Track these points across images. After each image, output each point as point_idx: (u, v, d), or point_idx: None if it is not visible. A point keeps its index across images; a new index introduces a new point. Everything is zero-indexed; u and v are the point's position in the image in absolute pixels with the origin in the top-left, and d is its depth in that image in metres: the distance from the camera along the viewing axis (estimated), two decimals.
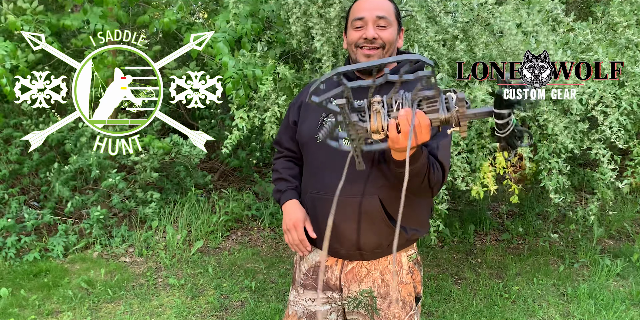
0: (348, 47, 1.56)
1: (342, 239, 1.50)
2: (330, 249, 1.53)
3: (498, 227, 4.56)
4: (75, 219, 3.97)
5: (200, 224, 4.08)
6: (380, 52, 1.49)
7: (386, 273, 1.57)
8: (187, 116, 5.43)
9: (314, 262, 1.63)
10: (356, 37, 1.49)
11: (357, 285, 1.56)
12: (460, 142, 2.74)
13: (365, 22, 1.47)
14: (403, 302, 1.58)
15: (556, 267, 3.76)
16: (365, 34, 1.47)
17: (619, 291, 3.38)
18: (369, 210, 1.46)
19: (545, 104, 2.72)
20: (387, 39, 1.48)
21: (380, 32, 1.47)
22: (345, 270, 1.57)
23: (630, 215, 4.76)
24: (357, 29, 1.49)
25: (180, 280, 3.37)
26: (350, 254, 1.53)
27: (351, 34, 1.51)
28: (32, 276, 3.34)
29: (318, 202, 1.52)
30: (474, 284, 3.47)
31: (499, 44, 2.78)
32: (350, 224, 1.47)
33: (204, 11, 4.67)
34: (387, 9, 1.49)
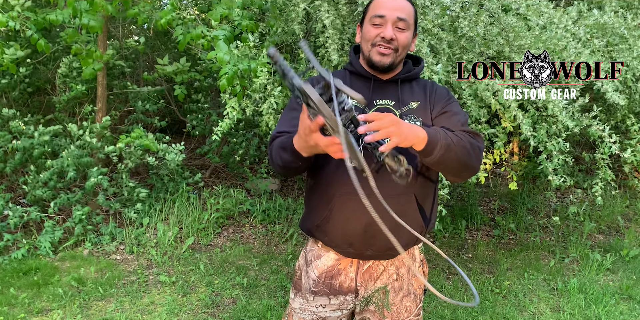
0: (362, 43, 1.51)
1: (374, 242, 1.45)
2: (354, 251, 1.49)
3: (489, 223, 4.58)
4: (65, 215, 3.93)
5: (192, 221, 4.06)
6: (393, 54, 1.46)
7: (401, 267, 1.55)
8: (178, 113, 5.40)
9: (326, 268, 1.57)
10: (373, 34, 1.45)
11: (373, 283, 1.54)
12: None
13: (385, 21, 1.43)
14: (414, 295, 1.58)
15: (547, 262, 3.78)
16: (384, 33, 1.42)
17: (608, 285, 3.41)
18: (404, 210, 1.42)
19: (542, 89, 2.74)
20: (403, 43, 1.45)
21: (398, 34, 1.44)
22: (361, 270, 1.54)
23: (620, 210, 4.79)
24: (376, 26, 1.45)
25: (172, 278, 3.36)
26: (376, 255, 1.50)
27: (368, 30, 1.47)
28: (22, 274, 3.31)
29: (350, 204, 1.44)
30: (465, 280, 3.48)
31: (499, 23, 2.79)
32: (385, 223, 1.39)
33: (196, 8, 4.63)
34: (409, 12, 1.46)
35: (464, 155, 1.32)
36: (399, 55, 1.47)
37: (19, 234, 3.63)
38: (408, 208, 1.44)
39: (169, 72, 4.33)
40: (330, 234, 1.51)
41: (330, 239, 1.53)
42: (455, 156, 1.30)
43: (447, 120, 1.47)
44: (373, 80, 1.51)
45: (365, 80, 1.52)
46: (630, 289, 3.33)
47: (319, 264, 1.58)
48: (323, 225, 1.53)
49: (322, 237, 1.55)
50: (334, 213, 1.49)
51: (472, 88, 2.77)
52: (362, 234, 1.44)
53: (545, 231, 4.42)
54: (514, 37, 2.77)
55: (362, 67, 1.52)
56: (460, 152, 1.30)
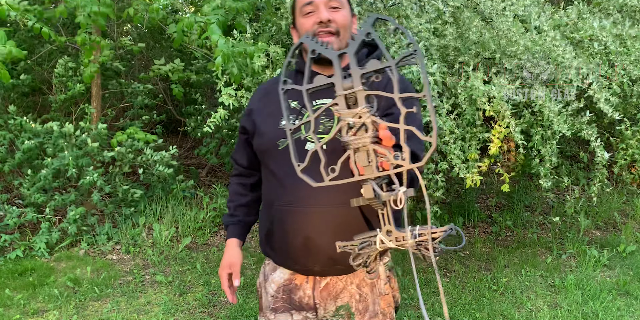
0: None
1: (318, 255, 1.33)
2: (301, 267, 1.39)
3: (486, 220, 4.58)
4: (61, 216, 3.92)
5: (188, 221, 4.05)
6: (336, 40, 1.32)
7: (363, 286, 1.42)
8: (174, 111, 5.39)
9: (283, 281, 1.45)
10: (309, 24, 1.33)
11: (333, 302, 1.42)
12: (455, 131, 2.73)
13: (315, 6, 1.32)
14: (383, 315, 1.44)
15: (544, 259, 3.77)
16: (319, 17, 1.30)
17: (605, 281, 3.41)
18: (348, 222, 1.29)
19: (540, 88, 2.73)
20: (342, 22, 1.32)
21: (333, 14, 1.32)
22: (318, 287, 1.41)
23: (617, 206, 4.80)
24: (308, 15, 1.33)
25: (168, 277, 3.35)
26: (325, 270, 1.37)
27: (302, 23, 1.35)
28: (17, 275, 3.30)
29: (289, 215, 1.34)
30: (462, 277, 3.48)
31: (491, 28, 2.77)
32: (327, 237, 1.29)
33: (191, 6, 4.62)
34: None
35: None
36: (342, 39, 1.33)
37: (15, 234, 3.62)
38: (351, 220, 1.29)
39: (164, 71, 4.31)
40: (275, 250, 1.42)
41: (276, 255, 1.43)
42: None
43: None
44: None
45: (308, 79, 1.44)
46: (627, 284, 3.33)
47: (275, 278, 1.47)
48: (268, 240, 1.45)
49: (270, 253, 1.46)
50: (275, 226, 1.39)
51: (467, 91, 2.75)
52: (302, 248, 1.33)
53: (542, 228, 4.42)
54: (506, 43, 2.76)
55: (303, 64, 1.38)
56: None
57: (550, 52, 2.75)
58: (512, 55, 2.79)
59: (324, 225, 1.31)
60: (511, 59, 2.78)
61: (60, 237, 3.69)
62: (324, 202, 1.29)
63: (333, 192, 1.21)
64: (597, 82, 2.72)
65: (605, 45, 2.92)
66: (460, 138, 2.77)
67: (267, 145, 1.38)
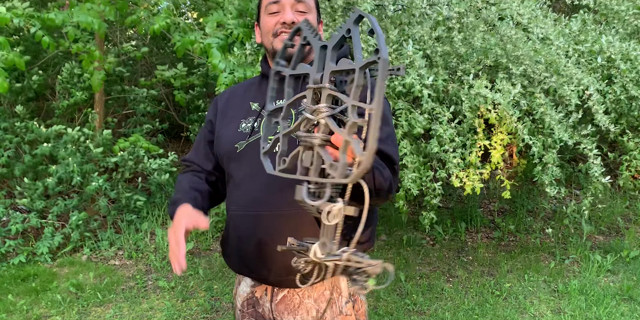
0: (263, 39, 1.33)
1: (271, 263, 1.24)
2: (256, 276, 1.32)
3: (489, 225, 4.57)
4: (64, 221, 3.93)
5: None
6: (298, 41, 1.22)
7: (322, 301, 1.30)
8: (176, 117, 5.40)
9: (246, 294, 1.39)
10: (272, 23, 1.28)
11: (292, 317, 1.31)
12: (455, 139, 2.73)
13: (281, 7, 1.27)
14: None
15: (547, 264, 3.76)
16: (283, 18, 1.26)
17: (609, 287, 3.39)
18: (302, 225, 1.20)
19: (541, 96, 2.73)
20: None
21: (299, 17, 1.26)
22: (275, 299, 1.32)
23: (620, 211, 4.78)
24: (273, 14, 1.28)
25: (171, 283, 3.35)
26: (281, 281, 1.28)
27: (266, 21, 1.29)
28: (20, 280, 3.30)
29: (242, 219, 1.28)
30: (465, 282, 3.47)
31: (496, 33, 2.78)
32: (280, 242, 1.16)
33: (193, 12, 4.64)
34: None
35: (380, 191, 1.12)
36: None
37: (18, 240, 3.63)
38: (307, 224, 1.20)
39: (167, 77, 4.33)
40: (230, 256, 1.35)
41: (231, 261, 1.36)
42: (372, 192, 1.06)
43: None
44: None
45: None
46: (631, 290, 3.31)
47: (240, 291, 1.41)
48: (224, 246, 1.38)
49: (227, 260, 1.39)
50: (230, 231, 1.33)
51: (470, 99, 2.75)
52: (256, 254, 1.26)
53: (545, 233, 4.41)
54: (512, 49, 2.75)
55: (268, 68, 1.34)
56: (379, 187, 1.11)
57: (553, 62, 2.76)
58: (517, 60, 2.79)
59: (277, 228, 1.24)
60: (517, 64, 2.78)
61: (63, 242, 3.70)
62: (277, 205, 1.22)
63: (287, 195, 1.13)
64: (596, 95, 2.72)
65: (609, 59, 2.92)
66: (460, 146, 2.77)
67: (226, 148, 1.33)
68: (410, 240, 4.11)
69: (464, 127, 2.87)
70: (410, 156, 2.77)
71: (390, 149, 1.20)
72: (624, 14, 3.31)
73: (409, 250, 3.99)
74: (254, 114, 1.32)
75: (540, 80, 2.78)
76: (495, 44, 2.82)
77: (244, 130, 1.31)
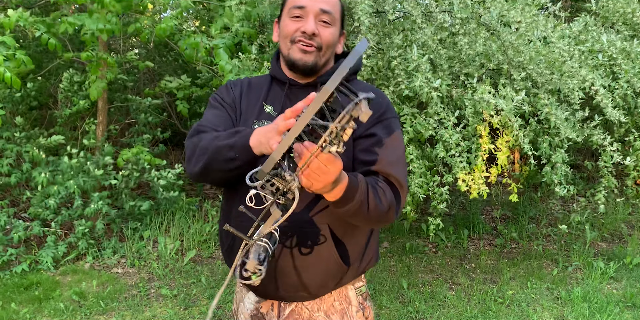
0: (280, 40, 1.26)
1: (281, 278, 1.22)
2: (266, 292, 1.28)
3: (491, 232, 4.56)
4: (66, 229, 3.93)
5: (193, 233, 4.06)
6: (316, 53, 1.21)
7: (332, 313, 1.28)
8: (179, 125, 5.42)
9: (250, 312, 1.35)
10: (292, 28, 1.20)
11: None
12: (461, 143, 2.74)
13: (305, 13, 1.19)
14: None
15: (550, 271, 3.76)
16: (304, 27, 1.18)
17: (612, 294, 3.38)
18: (316, 243, 1.18)
19: (545, 97, 2.74)
20: (327, 40, 1.20)
21: (321, 28, 1.20)
22: (283, 314, 1.29)
23: (623, 217, 4.78)
24: (295, 18, 1.21)
25: (173, 291, 3.35)
26: (291, 296, 1.26)
27: (286, 24, 1.22)
28: (23, 289, 3.30)
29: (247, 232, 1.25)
30: (468, 289, 3.46)
31: (497, 38, 2.79)
32: (292, 259, 1.19)
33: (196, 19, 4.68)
34: (333, 4, 1.22)
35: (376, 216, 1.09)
36: (322, 55, 1.22)
37: (21, 248, 3.64)
38: (318, 241, 1.18)
39: (171, 87, 4.36)
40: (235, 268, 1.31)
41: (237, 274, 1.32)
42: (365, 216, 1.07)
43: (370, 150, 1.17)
44: (289, 84, 1.28)
45: (282, 85, 1.30)
46: (634, 297, 3.30)
47: (244, 309, 1.37)
48: (229, 256, 1.29)
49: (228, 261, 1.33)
50: (235, 242, 1.26)
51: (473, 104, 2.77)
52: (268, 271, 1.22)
53: (548, 240, 4.41)
54: (514, 54, 2.77)
55: (279, 71, 1.30)
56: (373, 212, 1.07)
57: (555, 62, 2.77)
58: (519, 65, 2.81)
59: (288, 246, 1.20)
60: (518, 69, 2.80)
61: (66, 250, 3.71)
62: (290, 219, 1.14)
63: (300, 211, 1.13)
64: (602, 90, 2.73)
65: (611, 57, 2.94)
66: (466, 150, 2.78)
67: None
68: (413, 247, 4.11)
69: (469, 131, 2.89)
70: (416, 162, 2.78)
71: (399, 173, 1.15)
72: (630, 15, 3.33)
73: (412, 257, 3.99)
74: (267, 117, 1.25)
75: (543, 82, 2.79)
76: (497, 49, 2.84)
77: None
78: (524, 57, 2.74)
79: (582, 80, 2.73)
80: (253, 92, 1.33)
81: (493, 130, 3.20)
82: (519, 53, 2.76)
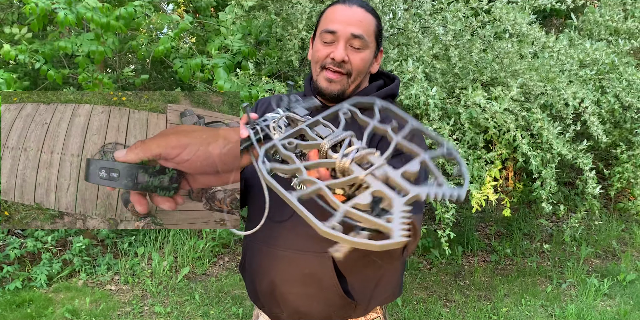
0: (312, 63, 1.24)
1: (283, 303, 1.21)
2: (271, 313, 1.26)
3: (486, 248, 4.57)
4: (60, 246, 3.92)
5: (187, 250, 4.05)
6: (344, 80, 1.18)
7: None
8: None
9: None
10: (323, 54, 1.17)
11: None
12: (459, 150, 2.78)
13: (336, 38, 1.16)
14: None
15: (544, 288, 3.76)
16: (334, 54, 1.16)
17: (606, 311, 3.39)
18: (317, 273, 1.15)
19: (538, 111, 2.78)
20: (358, 66, 1.18)
21: (352, 54, 1.16)
22: None
23: (616, 234, 4.80)
24: (326, 44, 1.17)
25: (167, 308, 3.33)
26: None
27: (318, 49, 1.19)
28: (15, 306, 3.28)
29: (257, 255, 1.22)
30: (462, 307, 3.46)
31: (493, 49, 2.84)
32: (293, 286, 1.18)
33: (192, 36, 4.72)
34: (367, 26, 1.17)
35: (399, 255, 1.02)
36: (352, 81, 1.19)
37: (15, 265, 3.62)
38: (319, 271, 1.15)
39: None
40: (247, 286, 1.29)
41: (249, 292, 1.30)
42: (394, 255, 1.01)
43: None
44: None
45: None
46: (628, 314, 3.31)
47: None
48: (242, 272, 1.31)
49: (246, 288, 1.33)
50: (246, 261, 1.28)
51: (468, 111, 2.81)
52: (268, 293, 1.22)
53: (542, 256, 4.42)
54: (509, 63, 2.83)
55: (311, 92, 1.27)
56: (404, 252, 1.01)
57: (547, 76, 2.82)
58: (515, 74, 2.86)
59: (290, 272, 1.17)
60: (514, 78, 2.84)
61: (60, 268, 3.69)
62: (293, 245, 1.15)
63: (304, 237, 1.11)
64: (591, 107, 2.78)
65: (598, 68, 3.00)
66: (464, 158, 2.81)
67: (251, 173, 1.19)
68: (407, 264, 4.11)
69: (464, 144, 2.92)
70: None
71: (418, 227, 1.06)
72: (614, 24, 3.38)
73: (406, 274, 3.99)
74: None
75: (538, 93, 2.84)
76: (492, 60, 2.89)
77: None
78: (519, 66, 2.79)
79: (573, 96, 2.78)
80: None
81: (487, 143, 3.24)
82: (514, 62, 2.81)
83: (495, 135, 2.93)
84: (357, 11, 1.17)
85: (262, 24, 3.11)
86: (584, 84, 3.02)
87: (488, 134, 2.85)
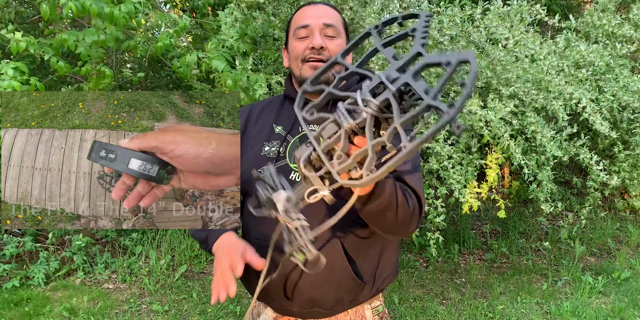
0: (290, 64, 1.30)
1: (294, 294, 1.22)
2: (278, 306, 1.28)
3: (482, 247, 4.60)
4: (58, 245, 3.92)
5: (184, 249, 4.06)
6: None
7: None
8: None
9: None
10: (301, 48, 1.25)
11: None
12: (453, 155, 2.79)
13: (310, 31, 1.25)
14: None
15: (539, 286, 3.79)
16: (312, 43, 1.23)
17: (601, 308, 3.42)
18: (328, 259, 1.12)
19: (532, 115, 2.80)
20: (335, 52, 1.24)
21: (328, 42, 1.24)
22: None
23: (611, 232, 4.83)
24: (301, 39, 1.26)
25: (164, 307, 3.34)
26: (304, 312, 1.25)
27: (294, 46, 1.27)
28: (13, 305, 3.29)
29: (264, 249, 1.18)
30: (458, 304, 3.48)
31: (486, 55, 2.86)
32: (304, 275, 1.20)
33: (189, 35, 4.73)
34: (335, 18, 1.28)
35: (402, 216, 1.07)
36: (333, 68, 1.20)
37: (12, 264, 3.62)
38: (330, 256, 1.17)
39: None
40: (250, 283, 1.28)
41: (252, 289, 1.27)
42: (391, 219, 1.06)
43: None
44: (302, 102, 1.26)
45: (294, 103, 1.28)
46: (622, 311, 3.34)
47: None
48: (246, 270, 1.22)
49: (247, 286, 1.32)
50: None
51: (464, 118, 2.83)
52: (280, 287, 1.22)
53: (538, 254, 4.45)
54: (502, 71, 2.84)
55: (293, 90, 1.33)
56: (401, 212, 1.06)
57: (542, 80, 2.84)
58: (507, 83, 2.88)
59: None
60: (507, 86, 2.86)
61: (58, 266, 3.69)
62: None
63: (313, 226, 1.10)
64: (590, 106, 2.80)
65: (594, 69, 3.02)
66: (458, 163, 2.83)
67: (247, 174, 1.22)
68: (404, 262, 4.13)
69: (459, 148, 2.94)
70: None
71: (418, 185, 1.15)
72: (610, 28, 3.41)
73: (403, 272, 4.01)
74: (277, 138, 1.28)
75: (530, 100, 2.86)
76: (485, 66, 2.91)
77: (267, 154, 1.27)
78: (511, 74, 2.81)
79: (569, 97, 2.80)
80: (264, 116, 1.36)
81: (483, 147, 3.26)
82: (506, 70, 2.83)
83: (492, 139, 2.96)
84: (324, 6, 1.29)
85: (260, 26, 3.12)
86: (581, 84, 3.04)
87: (484, 139, 2.87)
